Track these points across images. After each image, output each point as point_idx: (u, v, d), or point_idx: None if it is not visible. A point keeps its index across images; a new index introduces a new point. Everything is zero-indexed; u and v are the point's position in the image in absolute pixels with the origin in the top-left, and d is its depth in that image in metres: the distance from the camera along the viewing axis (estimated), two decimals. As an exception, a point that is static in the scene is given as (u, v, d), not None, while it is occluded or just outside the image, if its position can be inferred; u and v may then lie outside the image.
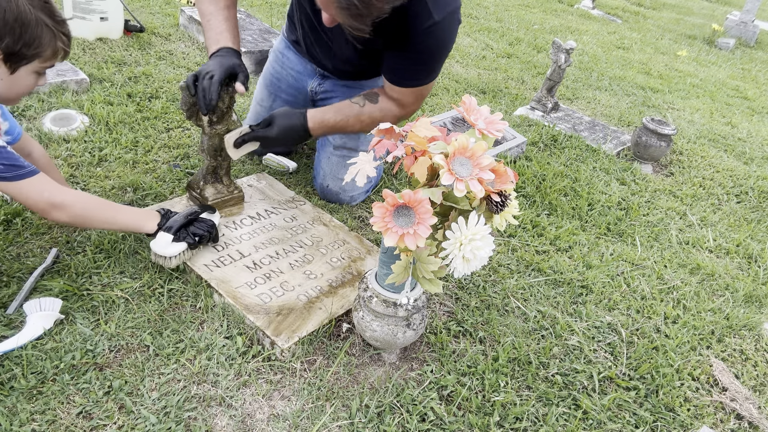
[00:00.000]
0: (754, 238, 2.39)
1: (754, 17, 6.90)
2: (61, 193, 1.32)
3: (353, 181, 1.92)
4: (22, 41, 1.24)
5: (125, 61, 2.67)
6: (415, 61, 1.62)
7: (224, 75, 1.51)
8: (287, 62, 2.03)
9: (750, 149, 3.34)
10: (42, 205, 1.30)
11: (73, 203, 1.34)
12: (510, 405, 1.38)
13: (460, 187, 1.04)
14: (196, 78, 1.51)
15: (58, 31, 1.30)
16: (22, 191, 1.28)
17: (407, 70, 1.66)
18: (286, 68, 2.03)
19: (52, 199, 1.30)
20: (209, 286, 1.48)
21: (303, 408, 1.27)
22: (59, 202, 1.31)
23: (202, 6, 1.66)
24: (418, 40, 1.56)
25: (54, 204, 1.31)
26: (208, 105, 1.50)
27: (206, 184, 1.72)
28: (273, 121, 1.67)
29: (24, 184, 1.27)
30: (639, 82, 4.26)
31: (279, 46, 2.07)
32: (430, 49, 1.60)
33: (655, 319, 1.77)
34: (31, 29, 1.25)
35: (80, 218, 1.38)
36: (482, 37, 4.56)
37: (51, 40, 1.28)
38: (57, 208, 1.31)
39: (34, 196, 1.29)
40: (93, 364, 1.26)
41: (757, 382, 1.64)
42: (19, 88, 1.33)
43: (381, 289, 1.29)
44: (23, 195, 1.28)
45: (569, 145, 2.79)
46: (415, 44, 1.57)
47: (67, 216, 1.34)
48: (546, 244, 2.01)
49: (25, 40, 1.24)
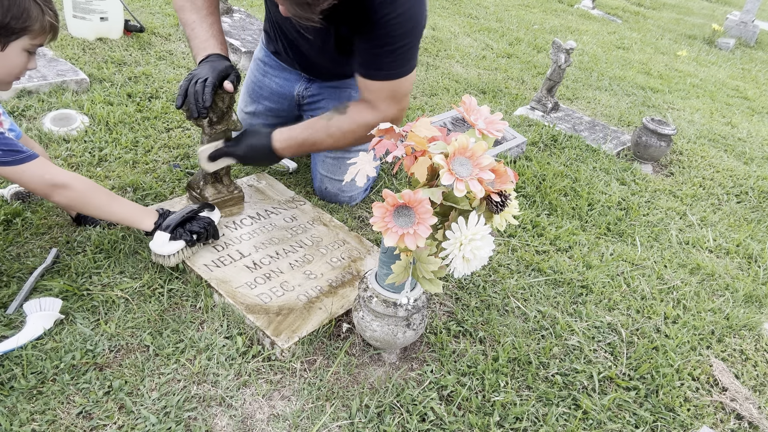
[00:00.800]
0: (754, 238, 2.39)
1: (754, 17, 6.90)
2: (61, 174, 1.34)
3: (352, 181, 1.90)
4: (10, 14, 1.25)
5: (125, 61, 2.67)
6: (381, 44, 1.50)
7: (217, 78, 1.50)
8: (269, 70, 2.00)
9: (750, 149, 3.34)
10: (44, 188, 1.32)
11: (74, 184, 1.36)
12: (510, 405, 1.38)
13: (460, 187, 1.04)
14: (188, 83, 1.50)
15: (45, 5, 1.31)
16: (24, 175, 1.30)
17: (375, 58, 1.53)
18: (269, 76, 2.00)
19: (54, 180, 1.33)
20: (209, 286, 1.48)
21: (303, 408, 1.27)
22: (60, 182, 1.33)
23: (184, 15, 1.63)
24: (378, 17, 1.44)
25: (55, 184, 1.33)
26: (200, 109, 1.49)
27: (206, 184, 1.72)
28: (241, 138, 1.64)
29: (24, 168, 1.29)
30: (639, 82, 4.26)
31: (259, 54, 2.04)
32: (395, 27, 1.47)
33: (655, 319, 1.77)
34: (19, 1, 1.26)
35: (81, 200, 1.39)
36: (482, 37, 4.56)
37: (39, 14, 1.30)
38: (59, 188, 1.33)
39: (35, 180, 1.31)
40: (93, 364, 1.26)
41: (757, 382, 1.64)
42: (11, 68, 1.33)
43: (381, 289, 1.29)
44: (25, 179, 1.30)
45: (569, 145, 2.79)
46: (378, 23, 1.45)
47: (69, 196, 1.36)
48: (546, 244, 2.01)
49: (13, 12, 1.25)
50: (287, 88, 1.98)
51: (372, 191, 2.12)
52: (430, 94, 3.18)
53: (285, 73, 1.98)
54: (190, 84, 1.50)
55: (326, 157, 1.94)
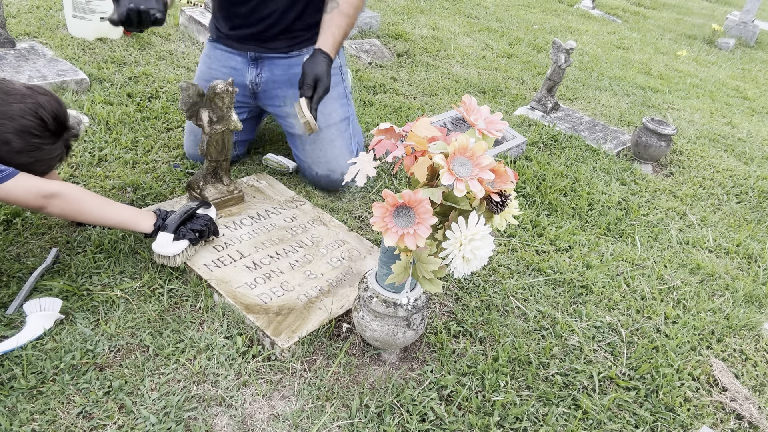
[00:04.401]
0: (754, 238, 2.39)
1: (754, 17, 6.89)
2: (50, 184, 1.32)
3: (336, 156, 1.96)
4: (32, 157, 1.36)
5: (125, 61, 2.67)
6: None
7: None
8: (215, 62, 1.99)
9: (750, 149, 3.34)
10: (35, 200, 1.29)
11: (65, 191, 1.34)
12: (510, 405, 1.38)
13: (460, 187, 1.04)
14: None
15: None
16: (11, 192, 1.26)
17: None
18: (215, 68, 1.99)
19: (43, 191, 1.29)
20: (209, 286, 1.48)
21: (303, 408, 1.27)
22: (50, 192, 1.30)
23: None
24: None
25: (46, 195, 1.30)
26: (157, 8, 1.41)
27: (206, 184, 1.72)
28: (317, 78, 1.74)
29: (10, 185, 1.26)
30: (639, 82, 4.26)
31: (205, 50, 2.04)
32: None
33: (655, 319, 1.77)
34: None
35: (74, 206, 1.36)
36: (482, 37, 4.56)
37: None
38: (50, 198, 1.30)
39: (25, 194, 1.28)
40: (93, 364, 1.26)
41: (757, 382, 1.64)
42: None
43: (381, 289, 1.29)
44: (13, 195, 1.27)
45: (569, 145, 2.79)
46: None
47: (61, 205, 1.33)
48: (546, 244, 2.01)
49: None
50: (237, 78, 1.97)
51: (372, 191, 2.12)
52: (430, 94, 3.18)
53: (231, 62, 1.97)
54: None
55: (305, 144, 1.98)
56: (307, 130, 1.73)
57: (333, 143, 1.96)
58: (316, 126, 1.72)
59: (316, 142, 1.96)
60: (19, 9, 3.00)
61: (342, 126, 2.00)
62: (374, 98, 2.91)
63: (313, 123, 1.71)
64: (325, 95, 1.78)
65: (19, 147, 1.30)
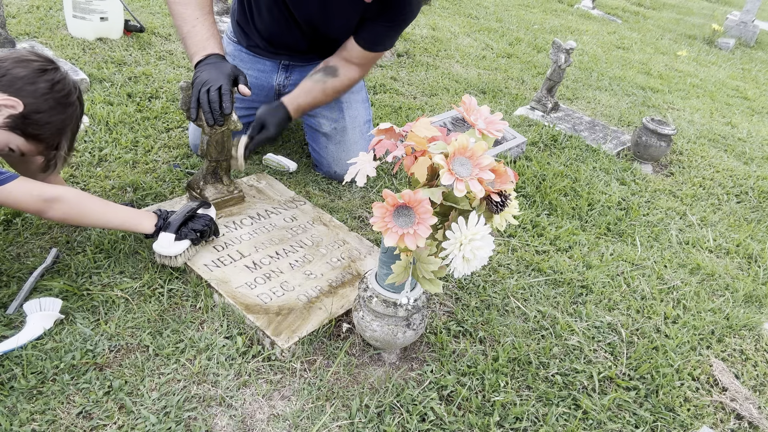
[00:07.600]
0: (754, 238, 2.39)
1: (754, 17, 6.89)
2: (50, 188, 1.31)
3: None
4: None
5: (125, 61, 2.67)
6: (394, 26, 1.83)
7: (230, 83, 1.52)
8: (241, 64, 2.02)
9: (750, 149, 3.34)
10: (36, 204, 1.28)
11: (65, 195, 1.33)
12: (510, 405, 1.38)
13: (460, 187, 1.04)
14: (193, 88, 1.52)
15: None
16: (11, 195, 1.25)
17: (386, 36, 1.86)
18: (242, 69, 2.03)
19: (44, 195, 1.29)
20: (209, 286, 1.48)
21: (303, 408, 1.27)
22: (51, 196, 1.30)
23: (185, 10, 1.60)
24: (403, 5, 1.74)
25: (47, 199, 1.29)
26: (218, 118, 1.52)
27: (206, 184, 1.72)
28: (265, 122, 1.76)
29: (10, 187, 1.25)
30: (639, 82, 4.26)
31: (229, 49, 2.06)
32: (407, 16, 1.81)
33: (655, 319, 1.77)
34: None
35: (75, 210, 1.36)
36: (482, 37, 4.56)
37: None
38: (51, 203, 1.30)
39: (25, 197, 1.27)
40: (93, 364, 1.26)
41: (757, 382, 1.64)
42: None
43: (381, 289, 1.29)
44: (12, 199, 1.26)
45: (569, 145, 2.79)
46: (400, 9, 1.76)
47: (62, 209, 1.32)
48: (546, 244, 2.01)
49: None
50: (263, 80, 2.05)
51: (372, 191, 2.12)
52: (430, 94, 3.18)
53: (259, 65, 2.04)
54: (201, 92, 1.49)
55: (328, 144, 2.06)
56: (233, 167, 1.74)
57: (356, 144, 2.06)
58: (243, 167, 1.74)
59: (341, 143, 2.05)
60: (19, 9, 3.00)
61: (365, 128, 2.09)
62: (374, 98, 2.91)
63: (242, 164, 1.73)
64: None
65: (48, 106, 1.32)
